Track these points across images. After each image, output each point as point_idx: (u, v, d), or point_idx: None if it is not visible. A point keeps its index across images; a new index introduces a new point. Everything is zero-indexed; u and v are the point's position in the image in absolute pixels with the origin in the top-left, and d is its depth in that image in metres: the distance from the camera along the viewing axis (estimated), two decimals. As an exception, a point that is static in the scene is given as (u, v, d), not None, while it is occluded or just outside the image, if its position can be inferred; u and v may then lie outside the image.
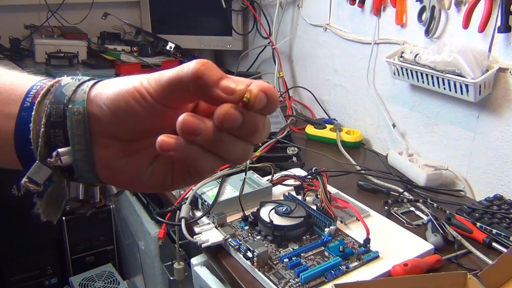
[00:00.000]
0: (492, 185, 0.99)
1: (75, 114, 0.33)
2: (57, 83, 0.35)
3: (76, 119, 0.33)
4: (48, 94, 0.34)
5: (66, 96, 0.33)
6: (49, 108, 0.33)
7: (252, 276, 0.74)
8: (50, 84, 0.35)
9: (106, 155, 0.34)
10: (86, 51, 1.68)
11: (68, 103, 0.33)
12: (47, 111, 0.33)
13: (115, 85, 0.33)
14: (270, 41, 1.61)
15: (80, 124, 0.33)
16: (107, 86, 0.34)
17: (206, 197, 0.87)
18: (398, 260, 0.74)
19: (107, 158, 0.34)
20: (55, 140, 0.33)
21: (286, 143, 1.17)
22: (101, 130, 0.33)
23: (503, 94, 0.94)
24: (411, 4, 1.10)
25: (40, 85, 0.35)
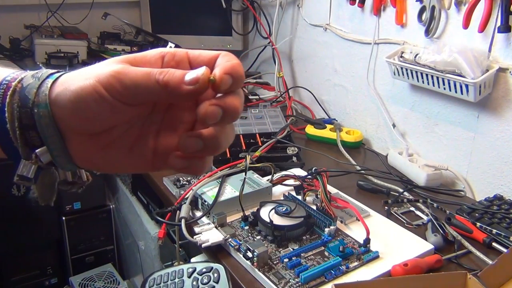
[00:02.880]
0: (492, 185, 0.99)
1: (42, 117, 0.34)
2: (20, 84, 0.36)
3: (45, 122, 0.34)
4: (15, 95, 0.35)
5: (30, 99, 0.34)
6: (19, 112, 0.35)
7: (252, 276, 0.74)
8: (14, 84, 0.36)
9: (82, 150, 0.35)
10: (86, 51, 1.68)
11: (33, 107, 0.34)
12: (17, 115, 0.35)
13: (74, 85, 0.33)
14: (270, 41, 1.61)
15: (49, 126, 0.34)
16: (66, 86, 0.34)
17: (206, 197, 0.87)
18: (398, 260, 0.74)
19: (84, 152, 0.36)
20: (31, 140, 0.35)
21: (286, 143, 1.17)
22: (68, 129, 0.35)
23: (503, 94, 0.94)
24: (411, 4, 1.10)
25: (5, 83, 0.36)
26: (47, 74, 0.36)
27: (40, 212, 1.51)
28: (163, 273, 0.73)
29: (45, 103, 0.34)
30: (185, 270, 0.73)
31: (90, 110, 0.33)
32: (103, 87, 0.32)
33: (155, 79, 0.32)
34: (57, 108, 0.34)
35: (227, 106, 0.32)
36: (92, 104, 0.32)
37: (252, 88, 1.70)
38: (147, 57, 0.35)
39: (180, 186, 0.98)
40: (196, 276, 0.72)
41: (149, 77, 0.32)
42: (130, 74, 0.32)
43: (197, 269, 0.73)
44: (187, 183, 0.99)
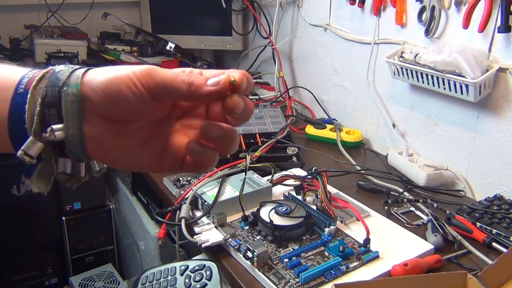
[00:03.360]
0: (492, 185, 0.99)
1: (69, 95, 0.36)
2: (51, 70, 0.38)
3: (71, 100, 0.36)
4: (43, 80, 0.37)
5: (61, 80, 0.37)
6: (45, 91, 0.37)
7: (252, 276, 0.74)
8: (45, 71, 0.38)
9: (97, 133, 0.37)
10: (86, 51, 1.68)
11: (63, 86, 0.37)
12: (43, 93, 0.37)
13: (108, 72, 0.37)
14: (270, 41, 1.61)
15: (74, 104, 0.36)
16: (100, 72, 0.37)
17: (206, 197, 0.87)
18: (398, 260, 0.74)
19: (98, 136, 0.37)
20: (49, 118, 0.37)
21: (286, 143, 1.17)
22: (93, 110, 0.37)
23: (503, 94, 0.94)
24: (411, 4, 1.10)
25: (31, 74, 0.38)
26: (79, 66, 0.39)
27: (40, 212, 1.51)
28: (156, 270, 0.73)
29: (76, 83, 0.37)
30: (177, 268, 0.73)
31: (122, 96, 0.36)
32: (137, 78, 0.36)
33: (182, 79, 0.36)
34: (88, 88, 0.37)
35: (247, 102, 0.37)
36: (125, 90, 0.36)
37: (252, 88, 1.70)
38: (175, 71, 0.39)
39: (180, 186, 0.98)
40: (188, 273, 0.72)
41: (176, 77, 0.36)
42: (161, 73, 0.36)
43: (189, 267, 0.73)
44: (187, 183, 0.99)
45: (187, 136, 0.40)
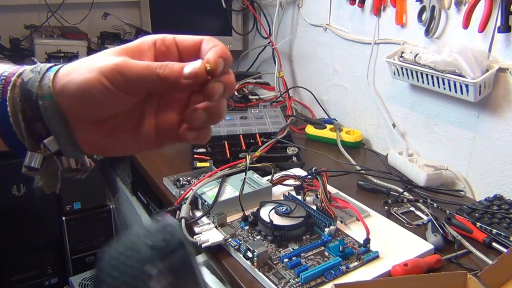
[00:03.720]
0: (492, 185, 0.99)
1: (47, 108, 0.36)
2: (20, 78, 0.37)
3: (50, 113, 0.36)
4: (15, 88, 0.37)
5: (33, 93, 0.36)
6: (22, 106, 0.36)
7: (252, 276, 0.74)
8: (14, 79, 0.37)
9: (88, 137, 0.38)
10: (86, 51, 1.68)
11: (37, 100, 0.36)
12: (21, 109, 0.36)
13: (78, 77, 0.36)
14: (270, 41, 1.61)
15: (55, 116, 0.36)
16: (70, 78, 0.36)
17: (206, 197, 0.87)
18: (398, 260, 0.74)
19: (90, 139, 0.38)
20: (37, 132, 0.37)
21: (286, 143, 1.17)
22: (75, 117, 0.37)
23: (503, 94, 0.94)
24: (411, 4, 1.10)
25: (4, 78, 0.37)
26: (46, 68, 0.38)
27: (40, 212, 1.51)
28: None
29: (49, 94, 0.36)
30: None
31: (95, 100, 0.35)
32: (107, 79, 0.35)
33: (155, 73, 0.35)
34: (63, 98, 0.36)
35: (226, 82, 0.37)
36: (97, 94, 0.35)
37: (252, 88, 1.70)
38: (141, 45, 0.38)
39: (180, 186, 0.98)
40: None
41: (149, 71, 0.35)
42: (131, 67, 0.35)
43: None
44: (187, 183, 0.99)
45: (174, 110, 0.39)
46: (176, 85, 0.35)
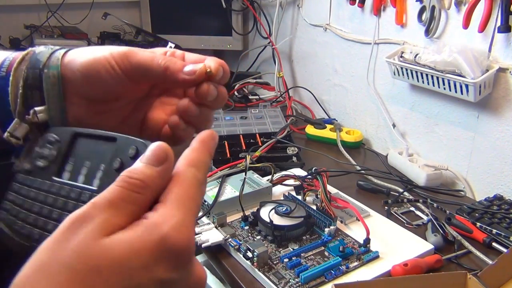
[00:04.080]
0: (492, 185, 0.99)
1: (50, 77, 0.37)
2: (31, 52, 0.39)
3: (52, 82, 0.37)
4: (23, 62, 0.38)
5: (41, 62, 0.38)
6: (26, 73, 0.38)
7: (252, 276, 0.74)
8: (25, 53, 0.39)
9: (78, 113, 0.39)
10: (86, 51, 1.68)
11: (43, 68, 0.37)
12: (24, 75, 0.38)
13: (87, 53, 0.38)
14: (270, 41, 1.61)
15: (55, 86, 0.37)
16: (79, 54, 0.38)
17: (206, 197, 0.87)
18: (398, 260, 0.74)
19: (79, 116, 0.39)
20: (32, 100, 0.38)
21: (286, 143, 1.17)
22: (74, 91, 0.38)
23: (503, 94, 0.94)
24: (411, 4, 1.10)
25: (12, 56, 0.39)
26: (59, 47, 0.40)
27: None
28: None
29: (56, 65, 0.37)
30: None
31: (100, 78, 0.37)
32: (115, 60, 0.36)
33: (157, 63, 0.37)
34: (68, 70, 0.37)
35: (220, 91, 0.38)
36: (103, 73, 0.37)
37: (252, 88, 1.70)
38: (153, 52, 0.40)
39: (180, 186, 0.98)
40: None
41: (153, 60, 0.37)
42: (139, 54, 0.37)
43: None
44: (187, 183, 0.99)
45: (164, 112, 0.42)
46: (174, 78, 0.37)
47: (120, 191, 0.27)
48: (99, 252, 0.25)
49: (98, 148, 0.34)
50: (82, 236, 0.25)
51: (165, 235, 0.26)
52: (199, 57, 0.40)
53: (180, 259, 0.27)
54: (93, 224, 0.26)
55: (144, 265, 0.25)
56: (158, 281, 0.26)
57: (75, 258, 0.25)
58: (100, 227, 0.26)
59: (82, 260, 0.25)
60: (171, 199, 0.28)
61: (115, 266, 0.25)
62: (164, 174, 0.29)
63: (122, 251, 0.25)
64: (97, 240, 0.25)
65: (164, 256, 0.26)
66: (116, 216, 0.27)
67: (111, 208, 0.27)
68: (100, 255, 0.25)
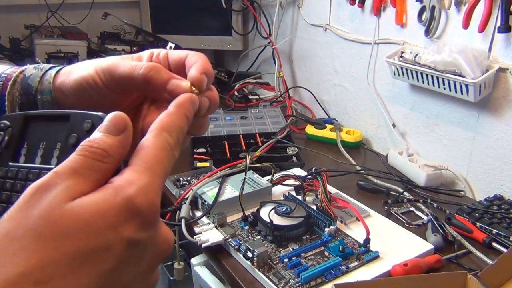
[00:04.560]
0: (492, 185, 0.99)
1: (45, 103, 0.38)
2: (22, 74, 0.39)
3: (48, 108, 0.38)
4: (15, 84, 0.39)
5: (33, 87, 0.38)
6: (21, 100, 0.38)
7: (252, 276, 0.74)
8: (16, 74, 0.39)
9: None
10: (86, 51, 1.68)
11: (36, 94, 0.38)
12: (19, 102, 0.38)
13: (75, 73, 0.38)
14: (270, 41, 1.61)
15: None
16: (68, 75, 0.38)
17: (206, 197, 0.87)
18: (398, 260, 0.74)
19: None
20: None
21: (286, 143, 1.17)
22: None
23: (503, 94, 0.94)
24: (411, 4, 1.10)
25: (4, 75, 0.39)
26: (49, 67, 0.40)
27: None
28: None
29: (49, 89, 0.38)
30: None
31: (90, 96, 0.37)
32: (98, 76, 0.37)
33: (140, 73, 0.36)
34: (60, 94, 0.38)
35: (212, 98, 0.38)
36: (91, 92, 0.37)
37: (252, 88, 1.70)
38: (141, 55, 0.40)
39: (180, 186, 0.98)
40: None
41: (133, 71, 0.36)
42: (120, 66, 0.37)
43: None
44: (187, 183, 0.99)
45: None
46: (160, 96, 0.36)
47: (83, 159, 0.27)
48: (65, 215, 0.25)
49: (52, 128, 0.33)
50: (47, 201, 0.25)
51: (129, 197, 0.26)
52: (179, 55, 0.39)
53: (146, 220, 0.27)
54: (57, 190, 0.26)
55: (111, 225, 0.25)
56: (125, 240, 0.26)
57: (41, 223, 0.24)
58: (65, 193, 0.26)
59: (48, 224, 0.24)
60: (137, 163, 0.28)
61: (83, 227, 0.25)
62: (125, 143, 0.29)
63: (88, 213, 0.25)
64: (62, 204, 0.25)
65: (130, 217, 0.26)
66: (81, 183, 0.26)
67: (74, 175, 0.27)
68: (66, 218, 0.25)
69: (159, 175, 0.29)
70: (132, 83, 0.36)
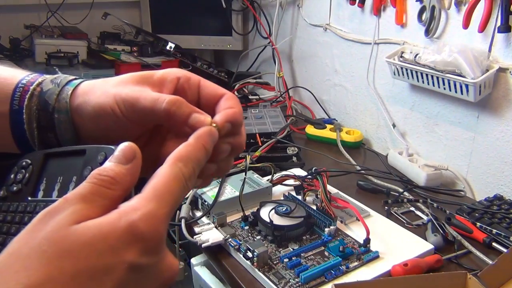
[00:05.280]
0: (492, 185, 0.99)
1: (62, 123, 0.37)
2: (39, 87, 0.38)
3: (64, 127, 0.38)
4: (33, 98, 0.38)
5: (50, 105, 0.37)
6: (38, 115, 0.38)
7: (252, 276, 0.74)
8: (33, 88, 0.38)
9: None
10: (86, 51, 1.68)
11: (53, 112, 0.37)
12: (36, 116, 0.38)
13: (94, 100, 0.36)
14: (270, 41, 1.61)
15: (68, 131, 0.38)
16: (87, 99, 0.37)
17: (206, 197, 0.87)
18: (398, 260, 0.74)
19: None
20: (48, 140, 0.38)
21: (286, 143, 1.17)
22: (85, 135, 0.38)
23: (503, 94, 0.94)
24: (411, 4, 1.10)
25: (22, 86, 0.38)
26: (66, 81, 0.39)
27: (40, 212, 1.51)
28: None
29: (65, 109, 0.37)
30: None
31: (107, 125, 0.36)
32: (119, 107, 0.35)
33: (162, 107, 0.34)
34: (78, 117, 0.37)
35: (235, 143, 0.37)
36: (109, 121, 0.36)
37: (252, 88, 1.70)
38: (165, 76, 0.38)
39: (180, 186, 0.98)
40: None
41: (155, 104, 0.34)
42: (142, 99, 0.35)
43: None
44: (187, 183, 0.99)
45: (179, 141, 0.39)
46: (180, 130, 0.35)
47: (91, 186, 0.28)
48: (68, 236, 0.25)
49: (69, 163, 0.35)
50: (53, 223, 0.26)
51: (133, 222, 0.26)
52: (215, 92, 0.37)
53: (149, 246, 0.27)
54: (64, 214, 0.26)
55: (112, 247, 0.26)
56: (126, 264, 0.26)
57: (45, 243, 0.25)
58: (71, 216, 0.26)
59: (52, 244, 0.25)
60: (147, 190, 0.29)
61: (84, 248, 0.25)
62: (133, 171, 0.30)
63: (90, 234, 0.26)
64: (67, 226, 0.26)
65: (132, 241, 0.26)
66: (88, 209, 0.27)
67: (82, 201, 0.27)
68: (70, 239, 0.25)
69: (168, 204, 0.29)
70: (153, 116, 0.35)
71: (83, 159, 0.33)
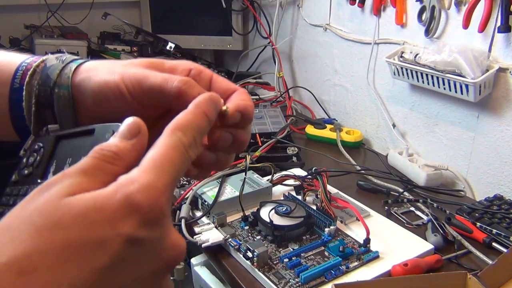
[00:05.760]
0: (492, 185, 0.99)
1: (61, 98, 0.36)
2: (43, 63, 0.38)
3: (63, 103, 0.36)
4: (35, 75, 0.37)
5: (52, 79, 0.36)
6: (38, 90, 0.37)
7: (252, 276, 0.74)
8: (36, 64, 0.38)
9: None
10: (86, 51, 1.68)
11: (54, 87, 0.36)
12: (36, 92, 0.37)
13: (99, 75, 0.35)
14: (270, 41, 1.61)
15: (66, 107, 0.36)
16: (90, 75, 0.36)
17: (206, 197, 0.87)
18: (398, 260, 0.74)
19: None
20: (45, 118, 0.37)
21: (286, 143, 1.17)
22: (84, 113, 0.37)
23: (503, 94, 0.94)
24: (411, 4, 1.10)
25: (25, 65, 0.38)
26: (71, 59, 0.38)
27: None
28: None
29: (67, 85, 0.36)
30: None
31: (110, 104, 0.35)
32: (126, 86, 0.34)
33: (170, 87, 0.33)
34: (78, 93, 0.36)
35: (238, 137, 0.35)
36: (112, 99, 0.34)
37: (252, 88, 1.70)
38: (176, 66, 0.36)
39: (180, 186, 0.98)
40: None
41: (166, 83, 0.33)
42: (150, 78, 0.34)
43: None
44: (187, 183, 0.99)
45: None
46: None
47: (92, 160, 0.27)
48: (60, 207, 0.24)
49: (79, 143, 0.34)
50: (47, 195, 0.25)
51: (130, 193, 0.25)
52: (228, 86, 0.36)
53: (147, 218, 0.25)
54: (60, 186, 0.25)
55: (106, 219, 0.24)
56: (123, 237, 0.24)
57: (36, 213, 0.24)
58: (66, 188, 0.25)
59: (42, 215, 0.24)
60: (145, 162, 0.27)
61: (76, 219, 0.24)
62: (138, 146, 0.28)
63: (83, 206, 0.24)
64: (60, 198, 0.25)
65: (129, 213, 0.25)
66: (86, 182, 0.26)
67: (83, 175, 0.26)
68: (61, 209, 0.24)
69: (168, 174, 0.27)
70: (162, 96, 0.33)
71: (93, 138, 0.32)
